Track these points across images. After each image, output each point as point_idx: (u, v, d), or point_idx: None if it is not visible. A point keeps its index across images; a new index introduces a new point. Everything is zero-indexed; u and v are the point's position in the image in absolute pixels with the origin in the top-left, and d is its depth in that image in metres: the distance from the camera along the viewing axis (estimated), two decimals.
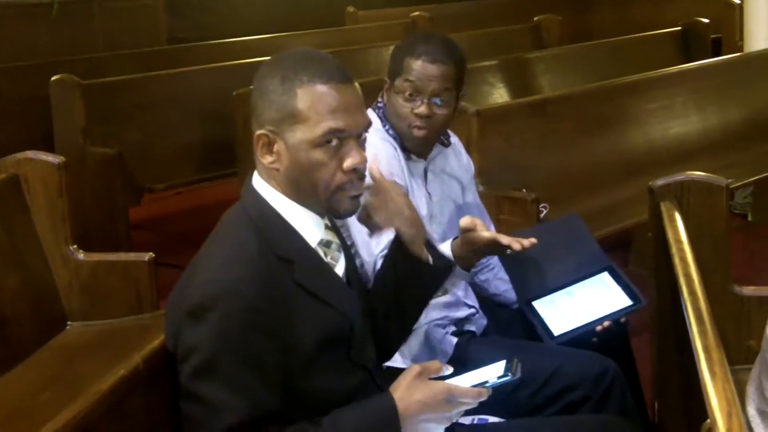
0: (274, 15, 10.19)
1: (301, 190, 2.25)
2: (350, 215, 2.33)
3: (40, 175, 3.58)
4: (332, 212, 2.30)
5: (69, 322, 3.61)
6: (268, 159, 2.24)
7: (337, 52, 7.27)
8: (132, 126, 6.18)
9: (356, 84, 2.27)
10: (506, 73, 6.70)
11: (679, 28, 7.97)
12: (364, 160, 2.25)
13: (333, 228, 2.36)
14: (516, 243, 2.81)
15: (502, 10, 9.92)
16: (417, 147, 3.12)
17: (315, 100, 2.19)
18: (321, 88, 2.20)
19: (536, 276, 3.15)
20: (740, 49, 7.66)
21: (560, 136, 5.14)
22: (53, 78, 5.83)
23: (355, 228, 2.86)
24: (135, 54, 7.52)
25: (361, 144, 2.27)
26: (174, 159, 6.30)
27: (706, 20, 7.95)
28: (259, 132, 2.22)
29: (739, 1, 8.06)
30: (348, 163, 2.22)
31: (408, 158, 3.11)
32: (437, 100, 3.04)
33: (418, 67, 3.03)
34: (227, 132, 5.76)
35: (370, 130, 2.31)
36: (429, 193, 3.14)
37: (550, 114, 5.15)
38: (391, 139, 3.08)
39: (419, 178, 3.14)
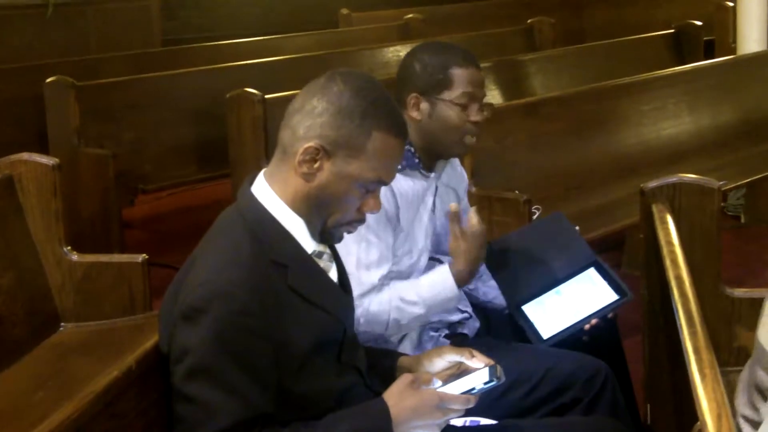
0: (267, 17, 10.21)
1: (315, 210, 2.26)
2: (338, 242, 2.38)
3: (34, 176, 3.58)
4: (328, 238, 2.32)
5: (62, 323, 3.61)
6: (304, 168, 2.23)
7: (331, 54, 7.30)
8: (126, 127, 6.18)
9: None
10: (499, 75, 6.70)
11: (671, 30, 7.97)
12: (380, 208, 2.33)
13: (324, 240, 2.36)
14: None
15: (495, 12, 9.93)
16: (457, 155, 3.15)
17: (383, 149, 2.24)
18: (392, 141, 2.26)
19: (524, 279, 3.15)
20: (733, 51, 7.68)
21: (553, 137, 5.15)
22: (48, 80, 5.84)
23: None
24: (129, 56, 7.52)
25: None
26: (167, 160, 6.30)
27: (698, 22, 7.96)
28: (310, 144, 2.21)
29: (732, 4, 8.09)
30: (368, 208, 2.29)
31: (425, 176, 3.05)
32: (484, 105, 3.05)
33: (471, 75, 3.00)
34: (220, 133, 5.73)
35: None
36: (436, 207, 3.13)
37: (542, 115, 5.16)
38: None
39: (429, 196, 3.09)
